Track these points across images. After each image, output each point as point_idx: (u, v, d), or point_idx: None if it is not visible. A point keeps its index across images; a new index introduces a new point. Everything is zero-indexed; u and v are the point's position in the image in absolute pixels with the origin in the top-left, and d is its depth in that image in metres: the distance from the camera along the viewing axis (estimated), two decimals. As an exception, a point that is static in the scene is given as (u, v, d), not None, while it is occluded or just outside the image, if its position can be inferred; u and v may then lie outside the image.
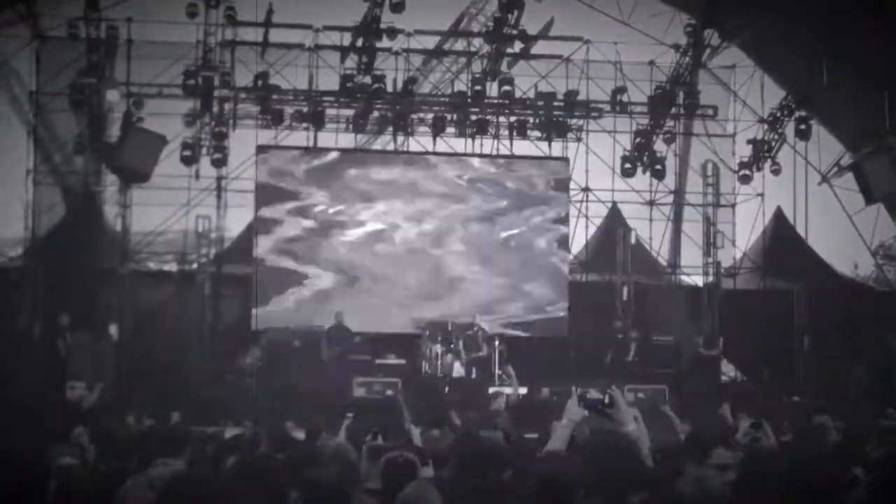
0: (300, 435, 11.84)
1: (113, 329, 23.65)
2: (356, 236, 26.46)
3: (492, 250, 26.89)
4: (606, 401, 6.62)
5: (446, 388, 22.10)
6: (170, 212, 26.55)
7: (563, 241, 27.35)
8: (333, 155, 27.05)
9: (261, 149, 26.56)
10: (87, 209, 26.23)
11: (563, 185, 27.58)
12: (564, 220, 27.39)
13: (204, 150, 25.54)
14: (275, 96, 26.30)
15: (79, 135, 25.65)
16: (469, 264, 26.73)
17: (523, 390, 21.96)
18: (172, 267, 26.88)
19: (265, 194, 26.20)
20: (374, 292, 26.19)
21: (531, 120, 27.79)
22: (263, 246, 26.03)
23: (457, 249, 26.75)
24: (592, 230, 28.74)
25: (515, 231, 27.02)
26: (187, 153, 25.13)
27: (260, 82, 25.83)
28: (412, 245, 26.63)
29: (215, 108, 25.71)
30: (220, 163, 25.85)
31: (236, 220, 26.90)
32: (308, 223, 26.32)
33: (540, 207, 27.15)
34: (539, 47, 27.27)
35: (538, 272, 26.97)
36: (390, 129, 27.66)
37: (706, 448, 7.35)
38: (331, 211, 26.45)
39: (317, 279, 26.16)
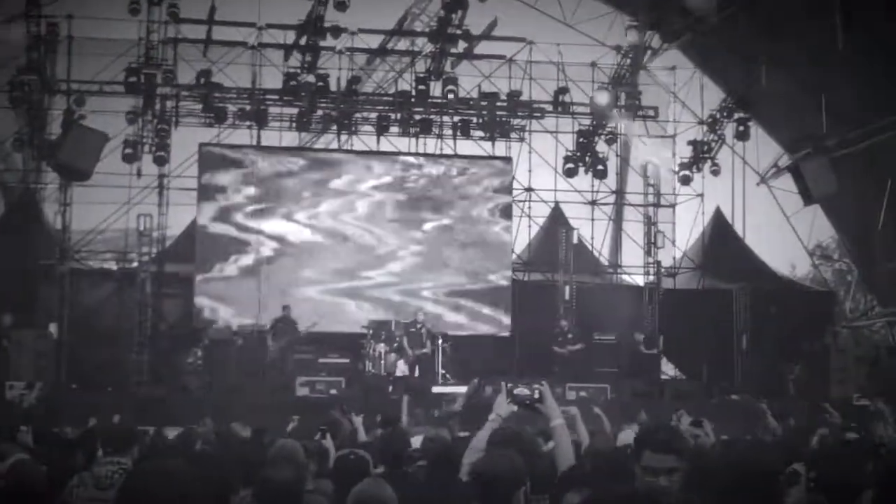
0: (245, 434, 11.83)
1: (53, 328, 23.46)
2: (296, 227, 26.40)
3: (429, 250, 26.96)
4: (536, 396, 6.68)
5: (390, 388, 22.12)
6: (111, 210, 26.35)
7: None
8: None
9: (203, 147, 26.41)
10: (27, 207, 25.95)
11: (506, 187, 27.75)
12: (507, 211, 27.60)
13: (146, 148, 25.40)
14: (217, 94, 26.20)
15: (18, 132, 25.43)
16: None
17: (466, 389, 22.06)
18: (113, 266, 26.66)
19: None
20: (318, 286, 26.15)
21: (474, 120, 27.89)
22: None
23: (399, 235, 26.79)
24: (535, 230, 28.87)
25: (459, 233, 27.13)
26: (129, 151, 24.97)
27: (203, 80, 25.72)
28: (351, 237, 26.58)
29: (157, 106, 25.57)
30: (162, 161, 25.73)
31: (178, 219, 26.72)
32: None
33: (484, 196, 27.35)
34: (482, 48, 27.48)
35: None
36: (334, 127, 27.61)
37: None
38: (272, 201, 26.37)
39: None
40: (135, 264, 25.65)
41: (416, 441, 7.98)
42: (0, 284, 23.31)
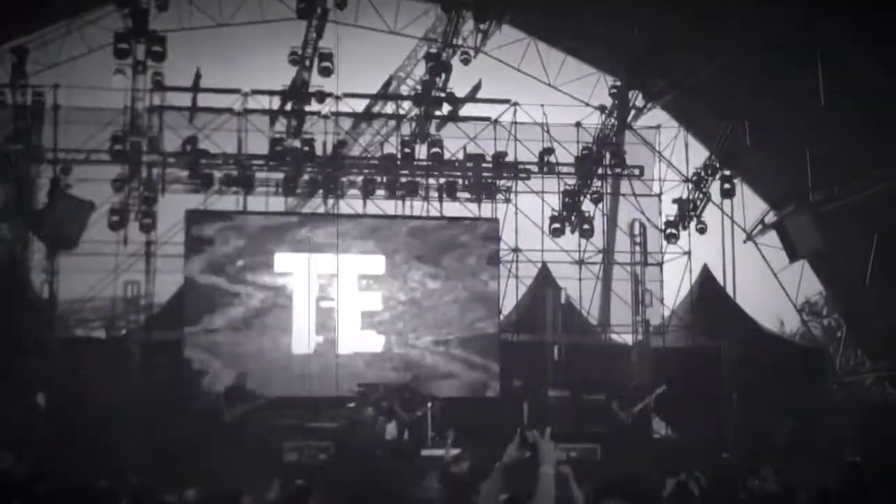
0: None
1: (40, 398, 23.47)
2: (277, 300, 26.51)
3: (418, 311, 27.06)
4: (530, 440, 6.80)
5: (378, 451, 22.11)
6: (98, 278, 26.48)
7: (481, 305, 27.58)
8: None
9: (190, 213, 26.58)
10: (13, 277, 26.04)
11: (493, 258, 27.87)
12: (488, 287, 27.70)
13: (132, 216, 25.56)
14: (204, 160, 26.45)
15: (4, 202, 25.58)
16: (396, 324, 26.89)
17: (458, 451, 22.05)
18: (101, 334, 26.72)
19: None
20: (303, 354, 26.16)
21: (460, 181, 28.16)
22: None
23: (384, 307, 26.87)
24: (523, 290, 29.01)
25: (447, 292, 27.23)
26: (115, 218, 25.16)
27: (189, 147, 25.98)
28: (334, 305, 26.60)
29: (144, 174, 25.79)
30: (148, 228, 25.87)
31: (166, 285, 26.80)
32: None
33: (471, 274, 27.41)
34: (467, 109, 27.77)
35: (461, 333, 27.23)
36: (320, 192, 27.84)
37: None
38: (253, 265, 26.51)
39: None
40: (123, 332, 25.72)
41: None
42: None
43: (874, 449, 21.65)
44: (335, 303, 26.36)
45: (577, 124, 28.82)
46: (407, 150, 27.05)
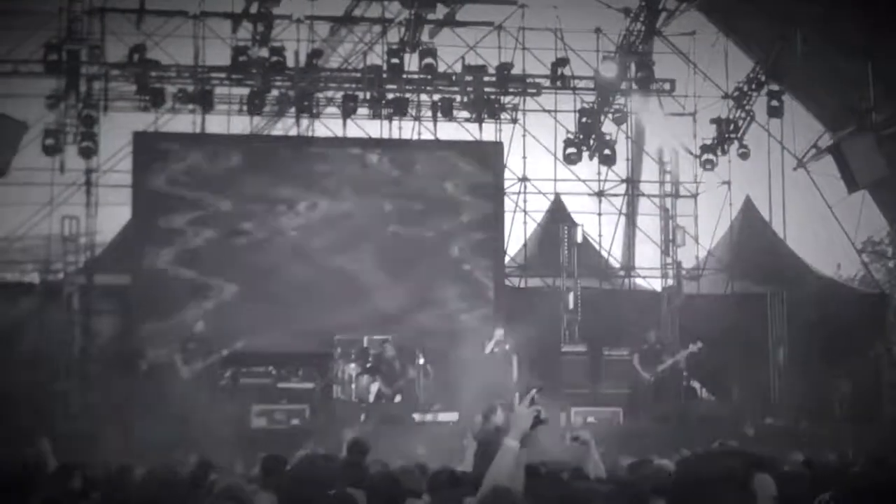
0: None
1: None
2: (256, 242, 26.34)
3: (404, 255, 26.92)
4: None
5: (362, 416, 22.14)
6: (30, 212, 26.42)
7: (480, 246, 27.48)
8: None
9: (138, 136, 26.42)
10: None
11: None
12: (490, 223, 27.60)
13: (70, 138, 25.39)
14: (154, 73, 26.23)
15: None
16: (378, 272, 26.73)
17: (454, 416, 22.06)
18: (34, 278, 26.66)
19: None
20: (277, 305, 26.03)
21: (458, 98, 27.97)
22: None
23: (366, 255, 26.74)
24: (532, 227, 28.92)
25: (429, 234, 27.11)
26: (50, 141, 25.00)
27: (136, 56, 25.75)
28: (312, 250, 26.48)
29: (83, 88, 25.58)
30: (89, 152, 25.69)
31: (110, 221, 26.72)
32: (209, 232, 26.21)
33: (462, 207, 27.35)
34: (466, 13, 27.45)
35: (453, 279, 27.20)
36: (292, 110, 27.67)
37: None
38: (227, 213, 26.33)
39: (220, 291, 26.02)
40: (60, 276, 25.65)
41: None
42: None
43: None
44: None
45: (597, 30, 28.54)
46: (394, 60, 26.83)
